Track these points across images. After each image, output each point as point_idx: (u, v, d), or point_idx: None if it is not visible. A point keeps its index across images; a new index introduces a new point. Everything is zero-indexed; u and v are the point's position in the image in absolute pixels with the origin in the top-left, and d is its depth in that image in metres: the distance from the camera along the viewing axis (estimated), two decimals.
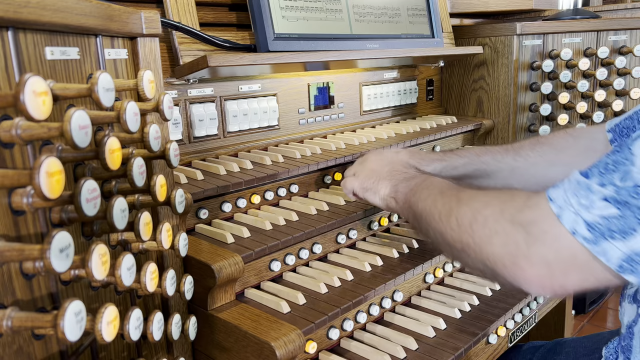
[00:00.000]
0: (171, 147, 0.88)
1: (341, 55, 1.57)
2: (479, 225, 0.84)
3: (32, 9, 0.67)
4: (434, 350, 1.21)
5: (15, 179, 0.60)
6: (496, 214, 0.82)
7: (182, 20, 1.36)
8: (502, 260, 0.80)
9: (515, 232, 0.78)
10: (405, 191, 1.11)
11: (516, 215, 0.79)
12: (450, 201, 0.93)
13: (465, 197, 0.91)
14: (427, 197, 1.00)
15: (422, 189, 1.05)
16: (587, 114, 2.13)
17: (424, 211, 0.99)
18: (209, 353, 1.14)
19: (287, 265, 1.30)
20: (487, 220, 0.83)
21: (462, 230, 0.87)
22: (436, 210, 0.95)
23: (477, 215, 0.85)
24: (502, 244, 0.80)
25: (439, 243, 0.96)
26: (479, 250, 0.84)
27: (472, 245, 0.85)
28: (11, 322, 0.62)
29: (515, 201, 0.81)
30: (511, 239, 0.78)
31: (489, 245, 0.82)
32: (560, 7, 2.54)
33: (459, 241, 0.88)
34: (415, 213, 1.04)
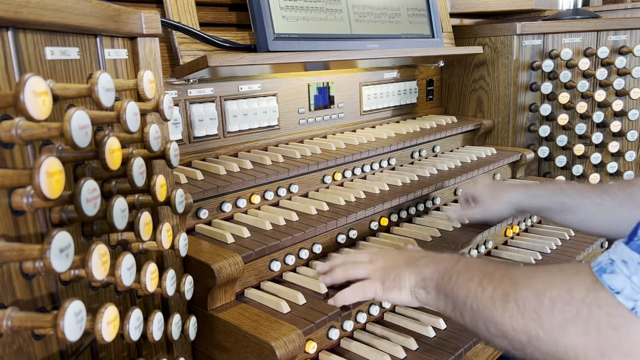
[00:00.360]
0: (171, 147, 0.88)
1: (341, 55, 1.57)
2: (546, 310, 0.71)
3: (32, 9, 0.67)
4: (434, 350, 1.21)
5: (15, 179, 0.60)
6: (565, 295, 0.70)
7: (182, 20, 1.36)
8: (585, 353, 0.66)
9: (594, 316, 0.66)
10: (436, 277, 0.96)
11: (590, 296, 0.67)
12: (502, 283, 0.80)
13: (520, 275, 0.78)
14: (469, 281, 0.86)
15: (457, 273, 0.90)
16: (587, 114, 2.13)
17: (469, 298, 0.84)
18: (209, 353, 1.14)
19: (287, 265, 1.30)
20: (555, 303, 0.70)
21: (527, 318, 0.73)
22: (485, 294, 0.81)
23: (542, 297, 0.72)
24: (581, 333, 0.67)
25: (492, 335, 0.81)
26: (552, 342, 0.70)
27: (542, 337, 0.71)
28: (11, 322, 0.62)
29: (583, 277, 0.69)
30: (592, 325, 0.66)
31: (565, 336, 0.68)
32: (560, 7, 2.54)
33: (524, 332, 0.74)
34: (455, 302, 0.88)
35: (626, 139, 2.16)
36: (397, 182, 1.63)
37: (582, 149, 2.14)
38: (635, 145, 2.21)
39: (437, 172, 1.78)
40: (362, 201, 1.48)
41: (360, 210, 1.40)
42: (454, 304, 0.89)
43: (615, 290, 0.64)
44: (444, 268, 0.95)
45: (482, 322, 0.82)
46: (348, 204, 1.46)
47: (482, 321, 0.82)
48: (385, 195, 1.53)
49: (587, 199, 1.25)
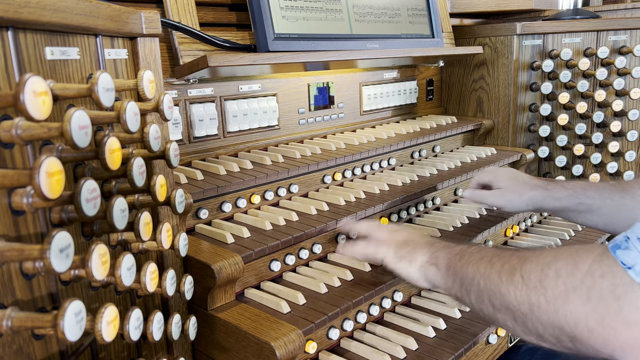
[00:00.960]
0: (171, 147, 0.88)
1: (341, 55, 1.57)
2: (550, 279, 0.72)
3: (32, 9, 0.67)
4: (434, 350, 1.21)
5: (15, 179, 0.60)
6: (570, 266, 0.71)
7: (182, 20, 1.36)
8: (585, 321, 0.67)
9: (597, 285, 0.66)
10: (449, 257, 0.99)
11: (594, 266, 0.68)
12: (511, 260, 0.82)
13: (529, 254, 0.80)
14: (480, 260, 0.88)
15: (470, 253, 0.93)
16: (587, 114, 2.13)
17: (477, 273, 0.87)
18: (209, 353, 1.14)
19: (287, 265, 1.30)
20: (559, 274, 0.71)
21: (530, 288, 0.74)
22: (494, 270, 0.83)
23: (547, 269, 0.73)
24: (583, 301, 0.67)
25: (496, 310, 0.82)
26: (553, 311, 0.71)
27: (543, 305, 0.72)
28: (11, 322, 0.62)
29: (589, 252, 0.70)
30: (594, 294, 0.66)
31: (566, 304, 0.69)
32: (560, 7, 2.54)
33: (526, 302, 0.75)
34: (463, 278, 0.91)
35: (626, 139, 2.16)
36: (397, 182, 1.63)
37: (582, 149, 2.14)
38: (635, 145, 2.21)
39: (437, 172, 1.78)
40: (362, 201, 1.48)
41: (360, 210, 1.40)
42: (462, 282, 0.91)
43: (627, 266, 0.64)
44: (459, 250, 0.98)
45: (487, 297, 0.83)
46: (348, 204, 1.46)
47: (487, 296, 0.83)
48: (385, 195, 1.53)
49: (608, 200, 1.24)
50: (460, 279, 0.92)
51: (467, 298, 0.90)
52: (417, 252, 1.07)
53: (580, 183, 1.33)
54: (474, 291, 0.87)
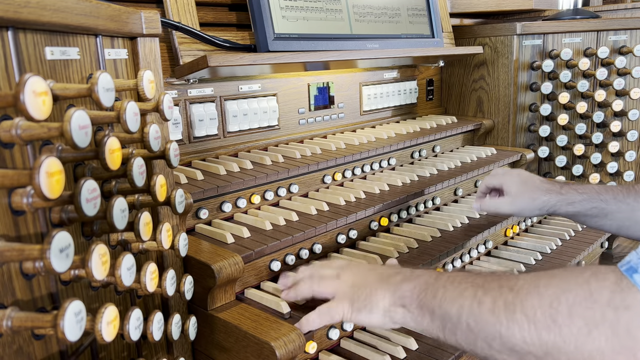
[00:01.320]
0: (171, 147, 0.88)
1: (341, 55, 1.57)
2: (563, 317, 0.66)
3: (32, 9, 0.67)
4: (434, 350, 1.21)
5: (15, 179, 0.60)
6: (585, 300, 0.65)
7: (182, 20, 1.36)
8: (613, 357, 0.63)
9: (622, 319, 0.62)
10: (417, 292, 0.87)
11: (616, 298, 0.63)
12: (502, 294, 0.74)
13: (522, 284, 0.73)
14: (460, 295, 0.79)
15: (443, 287, 0.83)
16: (587, 114, 2.13)
17: (462, 313, 0.77)
18: (209, 353, 1.14)
19: (287, 265, 1.30)
20: (573, 309, 0.65)
21: (541, 328, 0.68)
22: (484, 308, 0.74)
23: (557, 304, 0.67)
24: (608, 337, 0.62)
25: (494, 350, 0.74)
26: (574, 350, 0.65)
27: (561, 346, 0.66)
28: (11, 322, 0.62)
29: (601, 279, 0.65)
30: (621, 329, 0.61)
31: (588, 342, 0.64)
32: (560, 7, 2.54)
33: (538, 342, 0.68)
34: (443, 318, 0.81)
35: (626, 139, 2.16)
36: (397, 182, 1.63)
37: (582, 149, 2.14)
38: (635, 145, 2.21)
39: (437, 172, 1.78)
40: (362, 201, 1.48)
41: (360, 210, 1.40)
42: (443, 322, 0.81)
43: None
44: (425, 283, 0.86)
45: (481, 339, 0.75)
46: (348, 204, 1.46)
47: (482, 338, 0.75)
48: (385, 195, 1.53)
49: (623, 204, 1.22)
50: (441, 319, 0.81)
51: (452, 338, 0.81)
52: (375, 296, 0.93)
53: (594, 187, 1.29)
54: (461, 332, 0.79)
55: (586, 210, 1.27)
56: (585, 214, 1.28)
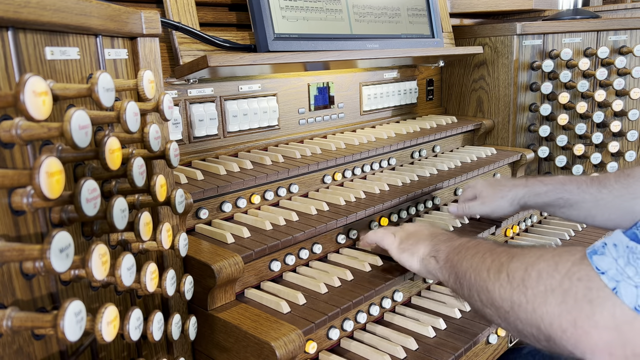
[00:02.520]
0: (171, 147, 0.88)
1: (341, 55, 1.57)
2: (532, 280, 0.75)
3: (32, 9, 0.67)
4: (434, 350, 1.21)
5: (15, 179, 0.60)
6: (551, 268, 0.73)
7: (182, 20, 1.36)
8: (559, 322, 0.69)
9: (574, 288, 0.68)
10: (448, 250, 1.04)
11: (573, 269, 0.70)
12: (500, 257, 0.84)
13: (517, 251, 0.83)
14: (474, 255, 0.92)
15: (467, 248, 0.97)
16: (587, 114, 2.13)
17: (470, 268, 0.90)
18: (209, 353, 1.14)
19: (287, 265, 1.30)
20: (540, 275, 0.74)
21: (514, 287, 0.77)
22: (484, 266, 0.86)
23: (530, 269, 0.76)
24: (558, 302, 0.70)
25: (483, 304, 0.85)
26: (531, 310, 0.73)
27: (524, 304, 0.75)
28: (11, 322, 0.62)
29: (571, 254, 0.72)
30: (570, 296, 0.68)
31: (543, 304, 0.72)
32: (560, 7, 2.54)
33: (509, 299, 0.78)
34: (458, 272, 0.95)
35: (626, 139, 2.16)
36: (397, 182, 1.63)
37: (582, 149, 2.14)
38: (635, 145, 2.21)
39: (437, 172, 1.78)
40: (362, 201, 1.48)
41: (360, 210, 1.40)
42: (457, 275, 0.95)
43: (601, 271, 0.66)
44: (458, 245, 1.02)
45: (476, 292, 0.87)
46: (348, 204, 1.46)
47: (477, 291, 0.86)
48: (385, 195, 1.53)
49: (586, 194, 1.28)
50: (456, 273, 0.96)
51: (460, 291, 0.95)
52: (420, 244, 1.14)
53: (560, 178, 1.36)
54: (466, 285, 0.91)
55: (552, 201, 1.33)
56: (553, 205, 1.34)
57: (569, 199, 1.31)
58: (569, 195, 1.31)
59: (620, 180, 1.23)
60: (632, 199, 1.20)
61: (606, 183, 1.25)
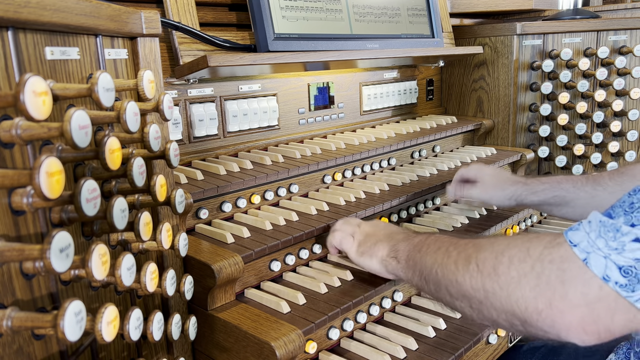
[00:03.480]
0: (171, 147, 0.88)
1: (341, 55, 1.57)
2: (503, 267, 0.75)
3: (32, 9, 0.67)
4: (434, 350, 1.21)
5: (15, 179, 0.60)
6: (522, 253, 0.74)
7: (182, 20, 1.36)
8: (534, 304, 0.71)
9: (546, 271, 0.70)
10: (408, 249, 1.03)
11: (545, 252, 0.72)
12: (466, 249, 0.85)
13: (484, 242, 0.83)
14: (437, 250, 0.92)
15: (428, 244, 0.97)
16: (587, 114, 2.13)
17: (435, 264, 0.90)
18: (209, 353, 1.14)
19: (287, 265, 1.30)
20: (512, 261, 0.75)
21: (485, 276, 0.78)
22: (450, 260, 0.86)
23: (501, 257, 0.77)
24: (533, 286, 0.71)
25: (453, 298, 0.85)
26: (505, 296, 0.74)
27: (497, 292, 0.75)
28: (11, 322, 0.62)
29: (541, 239, 0.74)
30: (543, 279, 0.70)
31: (517, 289, 0.73)
32: (560, 7, 2.54)
33: (481, 289, 0.78)
34: (422, 269, 0.95)
35: (626, 139, 2.16)
36: (397, 182, 1.63)
37: (582, 149, 2.14)
38: (635, 145, 2.21)
39: (437, 172, 1.78)
40: (362, 201, 1.48)
41: (360, 210, 1.40)
42: (421, 272, 0.95)
43: (574, 243, 0.69)
44: (418, 242, 1.01)
45: (444, 286, 0.86)
46: (348, 204, 1.46)
47: (445, 285, 0.86)
48: (385, 195, 1.53)
49: (582, 192, 1.30)
50: (420, 270, 0.95)
51: (426, 287, 0.94)
52: (378, 246, 1.13)
53: (557, 177, 1.38)
54: (432, 280, 0.90)
55: (549, 199, 1.36)
56: (549, 203, 1.37)
57: (564, 196, 1.33)
58: (564, 193, 1.33)
59: (614, 177, 1.26)
60: None
61: (600, 181, 1.28)
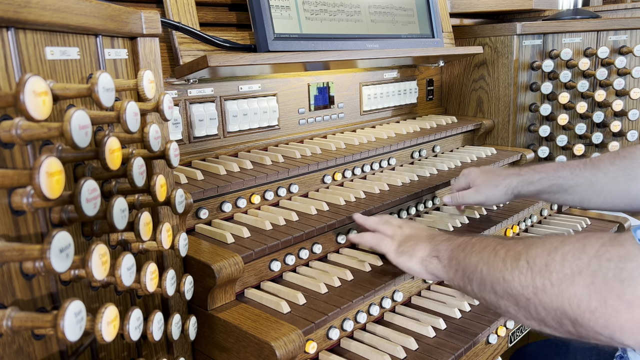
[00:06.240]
0: (171, 147, 0.88)
1: (341, 55, 1.57)
2: (556, 263, 0.72)
3: (32, 9, 0.67)
4: (434, 350, 1.21)
5: (15, 179, 0.60)
6: (577, 251, 0.71)
7: (182, 20, 1.36)
8: (588, 302, 0.67)
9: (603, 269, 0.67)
10: (451, 248, 1.01)
11: (602, 250, 0.68)
12: (515, 246, 0.82)
13: (535, 240, 0.80)
14: (483, 249, 0.89)
15: (472, 244, 0.95)
16: (587, 114, 2.13)
17: (480, 261, 0.87)
18: (209, 353, 1.14)
19: (287, 265, 1.30)
20: (566, 258, 0.72)
21: (535, 272, 0.75)
22: (498, 257, 0.83)
23: (554, 253, 0.74)
24: (587, 283, 0.68)
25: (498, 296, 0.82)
26: (557, 294, 0.71)
27: (548, 289, 0.72)
28: (11, 322, 0.62)
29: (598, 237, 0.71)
30: (599, 277, 0.67)
31: (571, 287, 0.69)
32: (560, 7, 2.54)
33: (531, 286, 0.75)
34: (465, 268, 0.92)
35: (626, 139, 2.16)
36: (397, 182, 1.63)
37: (582, 149, 2.14)
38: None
39: (437, 172, 1.78)
40: (362, 201, 1.48)
41: (360, 210, 1.40)
42: (464, 271, 0.92)
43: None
44: (461, 242, 1.00)
45: (489, 284, 0.84)
46: (348, 204, 1.46)
47: (490, 283, 0.83)
48: (385, 195, 1.53)
49: (580, 178, 1.28)
50: (463, 269, 0.93)
51: (469, 287, 0.91)
52: (418, 246, 1.11)
53: (552, 164, 1.36)
54: (476, 279, 0.88)
55: (546, 188, 1.34)
56: (547, 191, 1.35)
57: (562, 184, 1.31)
58: (562, 181, 1.31)
59: (616, 162, 1.23)
60: (629, 180, 1.20)
61: (600, 166, 1.26)
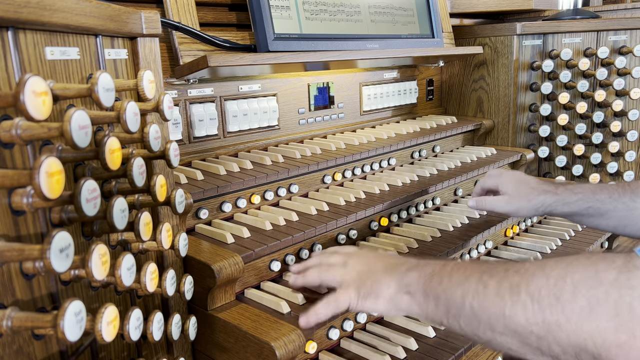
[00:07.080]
0: (171, 147, 0.88)
1: (341, 56, 1.57)
2: (567, 295, 0.65)
3: (32, 9, 0.67)
4: (434, 350, 1.21)
5: (15, 179, 0.60)
6: (590, 280, 0.64)
7: (182, 20, 1.36)
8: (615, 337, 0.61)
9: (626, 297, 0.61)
10: (422, 281, 0.87)
11: (621, 278, 0.62)
12: (507, 277, 0.73)
13: (529, 266, 0.73)
14: (465, 280, 0.79)
15: (449, 274, 0.83)
16: (587, 114, 2.13)
17: (466, 296, 0.77)
18: (209, 353, 1.14)
19: (287, 265, 1.29)
20: (577, 288, 0.65)
21: (544, 306, 0.67)
22: (489, 290, 0.74)
23: (561, 282, 0.66)
24: (611, 316, 0.61)
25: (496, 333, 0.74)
26: (575, 329, 0.64)
27: (563, 325, 0.65)
28: (11, 322, 0.62)
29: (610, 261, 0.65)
30: (623, 308, 0.61)
31: (590, 320, 0.63)
32: (560, 7, 2.54)
33: (541, 322, 0.67)
34: (448, 304, 0.81)
35: (626, 139, 2.16)
36: (397, 182, 1.63)
37: (582, 149, 2.14)
38: (635, 145, 2.21)
39: (437, 172, 1.78)
40: (362, 201, 1.48)
41: (360, 210, 1.40)
42: (448, 307, 0.81)
43: None
44: (431, 271, 0.87)
45: (484, 321, 0.75)
46: (348, 204, 1.46)
47: (485, 320, 0.74)
48: (385, 195, 1.53)
49: (619, 203, 1.22)
50: (445, 304, 0.81)
51: (455, 323, 0.81)
52: (381, 283, 0.93)
53: (590, 186, 1.30)
54: (464, 315, 0.78)
55: (582, 210, 1.27)
56: (582, 214, 1.28)
57: (599, 208, 1.24)
58: (600, 205, 1.24)
59: None
60: None
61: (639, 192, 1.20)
